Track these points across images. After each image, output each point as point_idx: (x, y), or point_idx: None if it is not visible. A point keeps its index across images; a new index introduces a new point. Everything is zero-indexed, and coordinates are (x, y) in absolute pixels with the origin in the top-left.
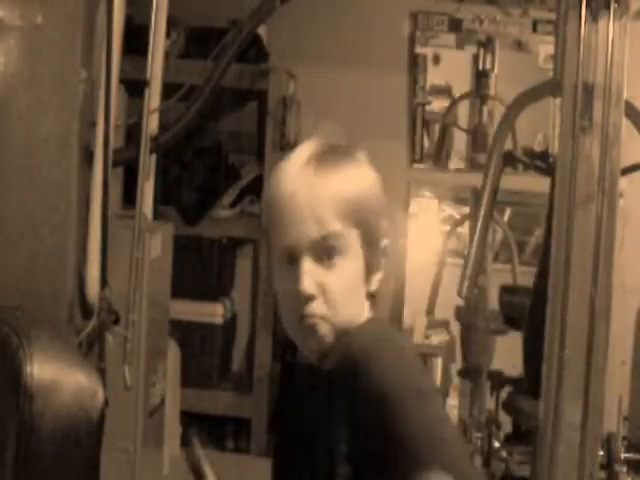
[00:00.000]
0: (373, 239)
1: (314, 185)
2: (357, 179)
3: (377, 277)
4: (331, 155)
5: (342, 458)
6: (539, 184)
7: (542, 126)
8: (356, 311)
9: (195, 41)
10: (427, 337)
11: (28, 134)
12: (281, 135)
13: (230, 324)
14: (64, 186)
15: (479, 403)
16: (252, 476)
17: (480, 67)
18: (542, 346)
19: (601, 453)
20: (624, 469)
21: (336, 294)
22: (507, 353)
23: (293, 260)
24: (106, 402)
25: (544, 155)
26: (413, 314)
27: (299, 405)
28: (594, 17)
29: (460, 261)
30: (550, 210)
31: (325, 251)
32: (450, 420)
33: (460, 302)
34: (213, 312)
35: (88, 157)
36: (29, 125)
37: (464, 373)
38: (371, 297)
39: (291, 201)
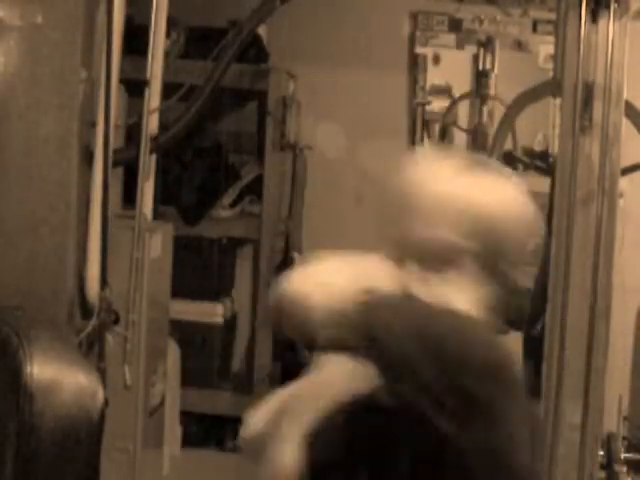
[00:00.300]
0: (493, 267)
1: (451, 191)
2: (496, 199)
3: (491, 307)
4: (479, 170)
5: None
6: (539, 184)
7: (542, 126)
8: None
9: (195, 41)
10: None
11: (28, 134)
12: (281, 135)
13: (230, 324)
14: (64, 186)
15: None
16: (252, 476)
17: (480, 67)
18: (542, 346)
19: (601, 453)
20: (624, 469)
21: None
22: None
23: (399, 260)
24: (106, 402)
25: (544, 155)
26: None
27: None
28: (594, 17)
29: None
30: (550, 210)
31: (432, 258)
32: None
33: None
34: (213, 312)
35: (88, 157)
36: (29, 125)
37: None
38: None
39: (418, 200)
